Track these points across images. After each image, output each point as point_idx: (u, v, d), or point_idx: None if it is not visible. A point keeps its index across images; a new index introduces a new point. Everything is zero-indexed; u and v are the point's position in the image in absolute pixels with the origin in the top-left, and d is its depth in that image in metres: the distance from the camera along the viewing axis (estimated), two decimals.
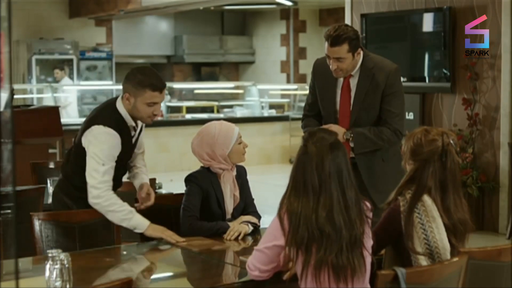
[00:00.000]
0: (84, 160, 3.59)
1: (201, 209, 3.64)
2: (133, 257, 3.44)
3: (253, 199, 3.83)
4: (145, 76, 3.58)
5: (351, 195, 2.69)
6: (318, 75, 4.17)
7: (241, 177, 3.78)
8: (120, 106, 3.63)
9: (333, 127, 3.88)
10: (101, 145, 3.54)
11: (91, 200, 3.53)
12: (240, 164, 3.77)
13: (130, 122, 3.66)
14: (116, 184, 3.79)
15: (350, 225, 2.65)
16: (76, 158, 3.70)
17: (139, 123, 3.75)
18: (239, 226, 3.56)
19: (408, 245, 2.89)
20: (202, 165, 3.73)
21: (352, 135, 3.95)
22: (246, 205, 3.78)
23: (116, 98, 3.70)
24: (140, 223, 3.52)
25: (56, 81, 12.09)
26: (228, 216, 3.69)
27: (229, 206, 3.69)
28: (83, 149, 3.60)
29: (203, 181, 3.64)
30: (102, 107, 3.73)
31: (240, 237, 3.52)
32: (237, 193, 3.71)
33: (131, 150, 3.79)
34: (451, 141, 3.00)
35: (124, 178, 3.90)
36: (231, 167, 3.70)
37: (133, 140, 3.75)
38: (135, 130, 3.74)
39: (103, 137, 3.55)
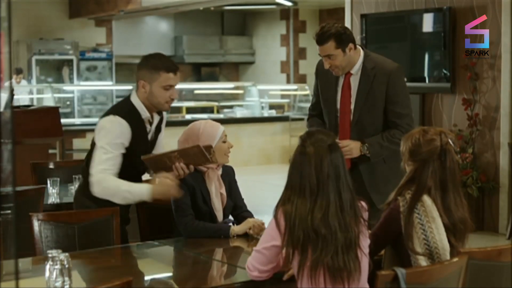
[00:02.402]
0: None
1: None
2: (133, 257, 3.44)
3: (243, 199, 3.83)
4: (158, 60, 3.60)
5: (347, 197, 2.69)
6: (320, 75, 4.18)
7: (229, 176, 3.77)
8: (134, 97, 3.63)
9: (351, 144, 3.88)
10: (107, 134, 3.53)
11: (94, 190, 3.50)
12: (229, 164, 3.77)
13: (144, 113, 3.64)
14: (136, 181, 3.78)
15: (345, 228, 2.65)
16: (90, 158, 3.65)
17: (155, 118, 3.72)
18: (259, 222, 3.54)
19: (408, 245, 2.89)
20: None
21: (367, 146, 3.94)
22: (237, 205, 3.77)
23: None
24: (141, 192, 3.47)
25: (17, 83, 12.03)
26: (219, 215, 3.67)
27: (217, 204, 3.67)
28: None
29: (188, 179, 3.61)
30: (117, 102, 3.72)
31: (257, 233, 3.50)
32: (224, 191, 3.70)
33: (148, 145, 3.74)
34: (449, 140, 3.00)
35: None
36: (216, 166, 3.69)
37: (149, 135, 3.71)
38: (151, 124, 3.71)
39: (109, 126, 3.54)
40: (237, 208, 3.76)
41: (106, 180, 3.49)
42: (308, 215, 2.63)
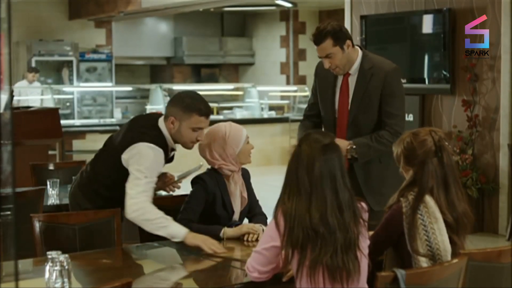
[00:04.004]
0: (114, 171, 3.57)
1: (206, 212, 3.62)
2: (133, 259, 3.44)
3: (257, 200, 3.84)
4: (193, 100, 3.59)
5: (345, 197, 2.69)
6: (319, 76, 4.19)
7: (245, 179, 3.78)
8: (163, 127, 3.59)
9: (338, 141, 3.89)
10: (145, 160, 3.48)
11: (129, 212, 3.45)
12: (244, 167, 3.78)
13: (171, 144, 3.63)
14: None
15: (344, 228, 2.65)
16: (104, 165, 3.66)
17: (177, 145, 3.71)
18: (258, 227, 3.54)
19: (412, 246, 2.89)
20: (209, 168, 3.73)
21: (355, 148, 3.93)
22: (251, 207, 3.79)
23: (155, 115, 3.66)
24: (177, 231, 3.42)
25: (30, 83, 12.00)
26: (236, 217, 3.69)
27: (237, 207, 3.69)
28: (119, 162, 3.54)
29: (210, 184, 3.63)
30: (144, 124, 3.64)
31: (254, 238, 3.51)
32: (245, 194, 3.72)
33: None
34: (441, 136, 3.01)
35: None
36: (238, 169, 3.71)
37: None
38: (171, 152, 3.70)
39: (148, 152, 3.50)
40: (251, 210, 3.78)
41: (147, 211, 3.43)
42: (306, 214, 2.64)
